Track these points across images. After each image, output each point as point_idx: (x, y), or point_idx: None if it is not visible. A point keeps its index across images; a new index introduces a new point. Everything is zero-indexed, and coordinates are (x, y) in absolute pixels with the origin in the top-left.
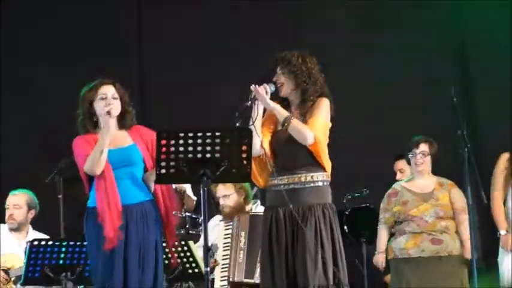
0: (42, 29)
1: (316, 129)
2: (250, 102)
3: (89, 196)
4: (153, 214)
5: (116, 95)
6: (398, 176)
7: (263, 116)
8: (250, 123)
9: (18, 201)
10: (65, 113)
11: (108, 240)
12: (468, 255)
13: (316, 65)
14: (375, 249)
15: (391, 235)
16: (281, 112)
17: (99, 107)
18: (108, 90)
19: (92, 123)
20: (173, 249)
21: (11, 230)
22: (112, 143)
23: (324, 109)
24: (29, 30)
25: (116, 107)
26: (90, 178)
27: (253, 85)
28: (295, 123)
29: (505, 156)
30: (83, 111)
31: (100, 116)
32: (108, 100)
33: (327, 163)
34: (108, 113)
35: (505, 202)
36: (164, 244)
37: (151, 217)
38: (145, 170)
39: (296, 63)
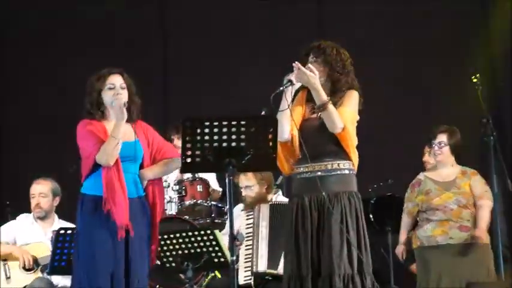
0: (64, 20)
1: (345, 118)
2: (283, 87)
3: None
4: (146, 210)
5: (124, 85)
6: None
7: (292, 104)
8: (285, 107)
9: (44, 189)
10: None
11: (120, 228)
12: (479, 234)
13: (348, 58)
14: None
15: (415, 225)
16: (321, 94)
17: (107, 96)
18: (116, 80)
19: (99, 112)
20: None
21: (38, 218)
22: None
23: (353, 101)
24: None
25: (124, 97)
26: (94, 166)
27: (297, 63)
28: (332, 109)
29: None
30: (90, 100)
31: (108, 105)
32: (117, 90)
33: (354, 153)
34: (124, 104)
35: None
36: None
37: (145, 212)
38: (141, 166)
39: (331, 53)
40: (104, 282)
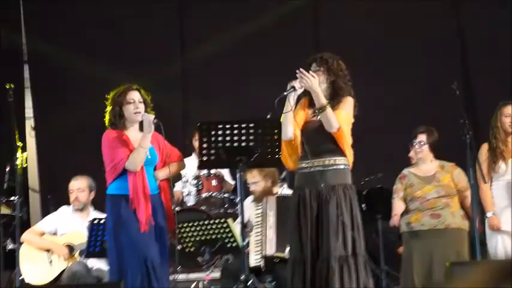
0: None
1: (341, 120)
2: (286, 93)
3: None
4: (162, 204)
5: (141, 99)
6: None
7: (295, 108)
8: (288, 110)
9: (81, 185)
10: None
11: (143, 224)
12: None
13: (346, 69)
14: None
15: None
16: (321, 97)
17: (128, 109)
18: (135, 96)
19: (121, 124)
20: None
21: (76, 210)
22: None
23: (349, 106)
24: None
25: (142, 110)
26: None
27: (300, 69)
28: (329, 111)
29: (484, 147)
30: (113, 113)
31: (129, 117)
32: (136, 104)
33: (349, 151)
34: (155, 121)
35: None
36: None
37: (161, 206)
38: (154, 168)
39: (332, 64)
40: (133, 271)
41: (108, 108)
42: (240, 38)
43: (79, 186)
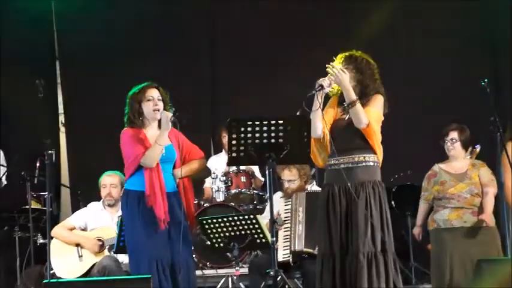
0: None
1: (370, 116)
2: (315, 91)
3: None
4: (181, 202)
5: (160, 97)
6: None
7: (324, 106)
8: (317, 108)
9: (114, 181)
10: None
11: (160, 221)
12: (486, 218)
13: (376, 67)
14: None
15: (430, 210)
16: (351, 93)
17: (147, 107)
18: (154, 93)
19: (139, 121)
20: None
21: (108, 206)
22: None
23: (379, 103)
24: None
25: (161, 107)
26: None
27: (332, 64)
28: (359, 106)
29: (509, 145)
30: (132, 110)
31: (148, 115)
32: (155, 101)
33: (379, 148)
34: (171, 118)
35: None
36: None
37: (180, 204)
38: (174, 166)
39: (361, 62)
40: (147, 267)
41: (127, 106)
42: (269, 36)
43: (112, 182)
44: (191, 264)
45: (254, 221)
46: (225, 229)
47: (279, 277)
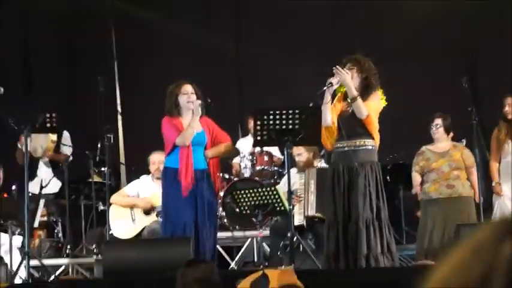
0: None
1: (370, 109)
2: (326, 87)
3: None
4: (209, 179)
5: (193, 91)
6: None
7: (332, 101)
8: (327, 101)
9: (161, 158)
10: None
11: (184, 189)
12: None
13: (375, 68)
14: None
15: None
16: (352, 90)
17: (182, 99)
18: (188, 88)
19: (176, 111)
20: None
21: (157, 178)
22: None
23: (376, 98)
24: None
25: (194, 99)
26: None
27: (337, 66)
28: (359, 101)
29: (495, 130)
30: (170, 102)
31: (183, 106)
32: (189, 95)
33: (376, 134)
34: (202, 103)
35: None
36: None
37: (208, 180)
38: (205, 149)
39: (364, 64)
40: (178, 231)
41: (167, 99)
42: (289, 37)
43: (161, 159)
44: (213, 231)
45: (275, 192)
46: (251, 199)
47: (295, 238)
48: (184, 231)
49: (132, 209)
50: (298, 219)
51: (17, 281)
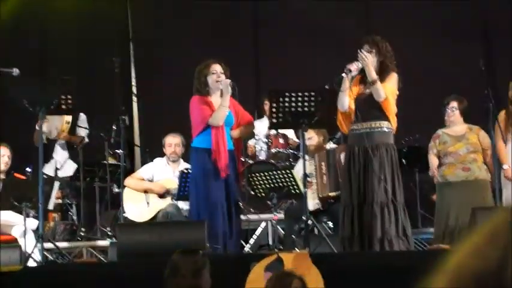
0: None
1: (387, 91)
2: (344, 74)
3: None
4: (234, 158)
5: (222, 71)
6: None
7: (350, 83)
8: (345, 87)
9: (178, 140)
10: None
11: (222, 170)
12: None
13: (391, 50)
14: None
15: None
16: (372, 73)
17: (211, 79)
18: (217, 67)
19: (205, 91)
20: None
21: (172, 161)
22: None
23: (394, 80)
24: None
25: (223, 79)
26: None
27: (360, 50)
28: (378, 84)
29: (503, 112)
30: (199, 82)
31: (212, 85)
32: (218, 74)
33: (393, 118)
34: (231, 83)
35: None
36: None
37: (234, 160)
38: (231, 129)
39: (382, 46)
40: (209, 210)
41: (195, 78)
42: (305, 18)
43: (177, 142)
44: (238, 211)
45: (290, 175)
46: (266, 182)
47: (310, 221)
48: (215, 213)
49: (147, 193)
50: (312, 205)
51: (31, 263)
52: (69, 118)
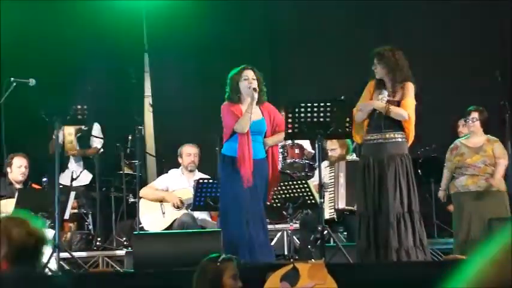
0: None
1: (408, 108)
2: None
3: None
4: (266, 168)
5: (254, 77)
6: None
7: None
8: (367, 109)
9: (196, 151)
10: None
11: (245, 180)
12: (493, 181)
13: (402, 56)
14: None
15: (452, 177)
16: (379, 106)
17: (243, 85)
18: (250, 73)
19: (237, 97)
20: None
21: (190, 171)
22: None
23: (411, 92)
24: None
25: (255, 85)
26: (232, 134)
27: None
28: (392, 108)
29: None
30: (231, 88)
31: (244, 92)
32: (250, 80)
33: (411, 131)
34: (255, 89)
35: None
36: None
37: (265, 170)
38: (265, 136)
39: (389, 57)
40: (236, 219)
41: (228, 85)
42: (319, 32)
43: (195, 152)
44: (265, 221)
45: (306, 186)
46: (281, 192)
47: (325, 232)
48: (242, 219)
49: (162, 203)
50: (328, 213)
51: (47, 273)
52: (70, 129)
